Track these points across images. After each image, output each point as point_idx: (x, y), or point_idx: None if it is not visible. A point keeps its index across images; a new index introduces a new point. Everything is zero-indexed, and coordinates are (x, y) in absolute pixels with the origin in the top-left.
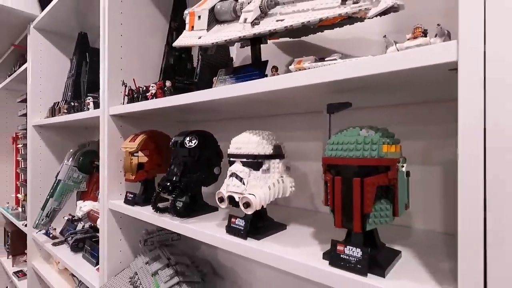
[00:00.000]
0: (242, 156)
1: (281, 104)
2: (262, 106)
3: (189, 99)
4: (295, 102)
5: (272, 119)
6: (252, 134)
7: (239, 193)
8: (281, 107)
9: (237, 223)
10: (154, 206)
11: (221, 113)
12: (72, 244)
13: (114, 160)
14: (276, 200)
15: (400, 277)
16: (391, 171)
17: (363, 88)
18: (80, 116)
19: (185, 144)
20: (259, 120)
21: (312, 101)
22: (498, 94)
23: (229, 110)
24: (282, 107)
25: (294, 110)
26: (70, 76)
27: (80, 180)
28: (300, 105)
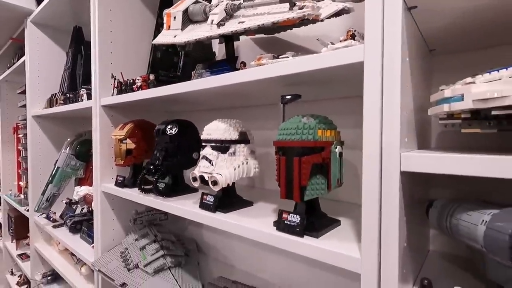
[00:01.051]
0: (212, 141)
1: (249, 96)
2: (234, 98)
3: (169, 90)
4: (259, 94)
5: (245, 110)
6: (220, 122)
7: (208, 173)
8: (251, 99)
9: (208, 199)
10: (140, 187)
11: (200, 104)
12: (70, 226)
13: (106, 147)
14: (253, 183)
15: (331, 239)
16: (324, 151)
17: (307, 82)
18: (74, 106)
19: (166, 131)
20: (235, 110)
21: (272, 93)
22: (391, 88)
23: (207, 101)
24: (252, 99)
25: (263, 101)
26: (66, 69)
27: (77, 167)
28: (264, 97)
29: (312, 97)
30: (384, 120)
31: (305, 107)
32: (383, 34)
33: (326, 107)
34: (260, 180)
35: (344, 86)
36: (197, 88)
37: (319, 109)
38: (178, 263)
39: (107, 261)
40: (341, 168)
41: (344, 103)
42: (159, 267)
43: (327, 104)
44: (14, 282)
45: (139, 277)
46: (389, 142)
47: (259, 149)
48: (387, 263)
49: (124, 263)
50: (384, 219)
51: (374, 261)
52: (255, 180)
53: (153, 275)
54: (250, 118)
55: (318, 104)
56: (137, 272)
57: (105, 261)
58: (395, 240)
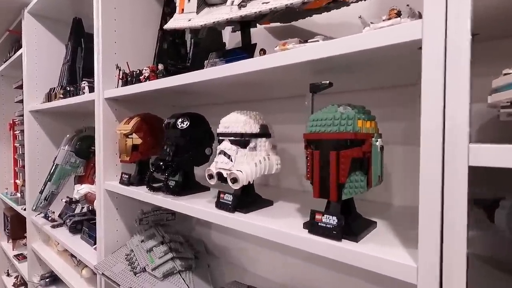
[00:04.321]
0: (230, 134)
1: (269, 86)
2: (252, 89)
3: (181, 80)
4: (281, 83)
5: (262, 104)
6: (239, 113)
7: (227, 170)
8: (270, 91)
9: (226, 198)
10: (148, 185)
11: (213, 96)
12: (70, 226)
13: (109, 142)
14: (267, 181)
15: (372, 243)
16: (365, 144)
17: (338, 68)
18: (75, 100)
19: (177, 125)
20: (250, 104)
21: (297, 83)
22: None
23: (221, 93)
24: (271, 91)
25: (282, 94)
26: (65, 62)
27: (77, 165)
28: (286, 88)
29: (338, 88)
30: (447, 107)
31: (327, 99)
32: (447, 8)
33: (353, 99)
34: (275, 178)
35: (380, 73)
36: (213, 77)
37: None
38: (189, 266)
39: (112, 264)
40: (382, 163)
41: (373, 94)
42: (169, 270)
43: (354, 96)
44: (11, 283)
45: (147, 282)
46: (455, 132)
47: None
48: (452, 273)
49: (130, 266)
50: (447, 222)
51: (435, 271)
52: (269, 178)
53: (162, 279)
54: (264, 112)
55: (343, 96)
56: (144, 276)
57: (109, 264)
58: (462, 246)
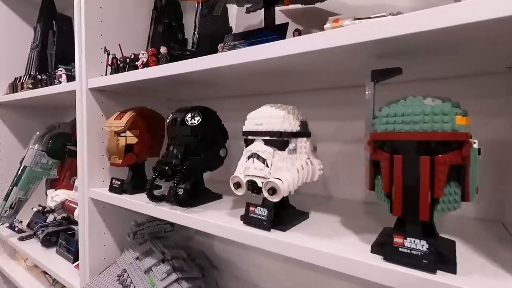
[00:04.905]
0: (265, 133)
1: (301, 75)
2: (275, 79)
3: (191, 66)
4: (323, 71)
5: (281, 97)
6: (275, 108)
7: (262, 177)
8: (298, 81)
9: (258, 213)
10: (150, 194)
11: (223, 87)
12: (43, 238)
13: (94, 142)
14: None
15: (472, 272)
16: (465, 147)
17: (413, 50)
18: (51, 90)
19: (186, 121)
20: (265, 97)
21: (341, 70)
22: None
23: (235, 84)
24: (300, 81)
25: (310, 85)
26: (34, 47)
27: (49, 166)
28: (322, 77)
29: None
30: None
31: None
32: None
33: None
34: None
35: (464, 58)
36: (236, 62)
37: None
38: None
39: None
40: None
41: (445, 84)
42: None
43: (416, 87)
44: None
45: None
46: None
47: None
48: None
49: None
50: None
51: None
52: None
53: None
54: None
55: (404, 86)
56: None
57: (97, 287)
58: None
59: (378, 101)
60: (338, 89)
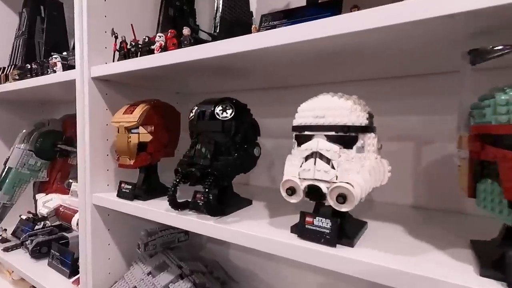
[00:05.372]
0: (328, 127)
1: (355, 60)
2: (318, 67)
3: (228, 48)
4: (385, 55)
5: (310, 89)
6: (337, 97)
7: (327, 182)
8: (342, 70)
9: (318, 224)
10: (173, 201)
11: (248, 78)
12: (33, 249)
13: (98, 139)
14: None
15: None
16: None
17: None
18: (45, 80)
19: (217, 115)
20: (285, 91)
21: (409, 52)
22: None
23: (264, 74)
24: (346, 69)
25: (356, 74)
26: (19, 35)
27: (38, 168)
28: (381, 63)
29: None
30: None
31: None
32: None
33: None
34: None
35: None
36: (291, 41)
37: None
38: None
39: None
40: None
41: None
42: None
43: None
44: None
45: None
46: None
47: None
48: None
49: None
50: None
51: None
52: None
53: None
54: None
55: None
56: None
57: None
58: None
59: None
60: (401, 78)
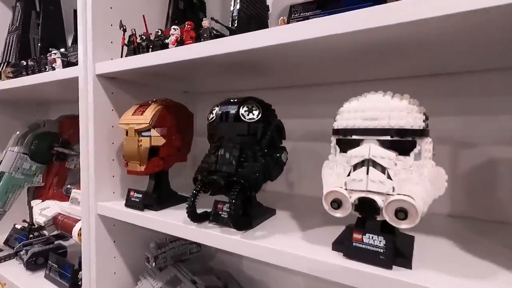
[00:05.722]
0: (382, 131)
1: (405, 55)
2: (354, 63)
3: (257, 42)
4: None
5: (333, 88)
6: (389, 96)
7: (383, 194)
8: (363, 68)
9: (369, 242)
10: (193, 213)
11: (274, 74)
12: (28, 260)
13: (103, 142)
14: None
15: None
16: None
17: None
18: (44, 78)
19: (242, 116)
20: (307, 89)
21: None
22: None
23: (286, 71)
24: (387, 66)
25: (394, 71)
26: (12, 30)
27: (33, 172)
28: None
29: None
30: None
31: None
32: None
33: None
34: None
35: None
36: (333, 32)
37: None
38: None
39: None
40: None
41: None
42: None
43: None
44: None
45: None
46: None
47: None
48: None
49: None
50: None
51: None
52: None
53: None
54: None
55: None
56: None
57: None
58: None
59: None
60: (437, 76)
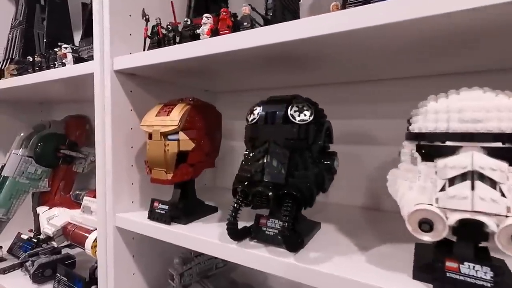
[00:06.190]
0: (491, 137)
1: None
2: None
3: (315, 29)
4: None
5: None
6: (492, 93)
7: (495, 215)
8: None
9: (468, 273)
10: (234, 231)
11: (317, 70)
12: (34, 272)
13: (121, 147)
14: None
15: None
16: None
17: None
18: (54, 75)
19: (292, 117)
20: (354, 86)
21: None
22: None
23: (341, 64)
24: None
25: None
26: (16, 25)
27: (39, 176)
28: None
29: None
30: None
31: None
32: None
33: None
34: None
35: None
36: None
37: None
38: None
39: None
40: None
41: None
42: None
43: None
44: None
45: None
46: None
47: None
48: None
49: None
50: None
51: None
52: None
53: None
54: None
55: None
56: None
57: None
58: None
59: None
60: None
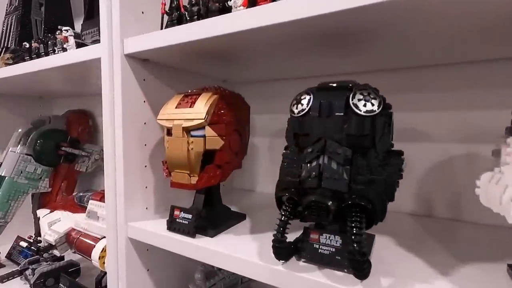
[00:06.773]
0: None
1: None
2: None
3: None
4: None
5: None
6: None
7: None
8: None
9: None
10: (281, 250)
11: (365, 52)
12: (35, 282)
13: (133, 145)
14: None
15: None
16: None
17: None
18: (55, 62)
19: (356, 108)
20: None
21: None
22: None
23: (397, 45)
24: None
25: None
26: (11, 11)
27: (38, 176)
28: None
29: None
30: None
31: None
32: None
33: None
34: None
35: None
36: None
37: None
38: None
39: None
40: None
41: None
42: None
43: None
44: None
45: None
46: None
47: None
48: None
49: None
50: None
51: None
52: None
53: None
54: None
55: None
56: None
57: None
58: None
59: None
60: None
